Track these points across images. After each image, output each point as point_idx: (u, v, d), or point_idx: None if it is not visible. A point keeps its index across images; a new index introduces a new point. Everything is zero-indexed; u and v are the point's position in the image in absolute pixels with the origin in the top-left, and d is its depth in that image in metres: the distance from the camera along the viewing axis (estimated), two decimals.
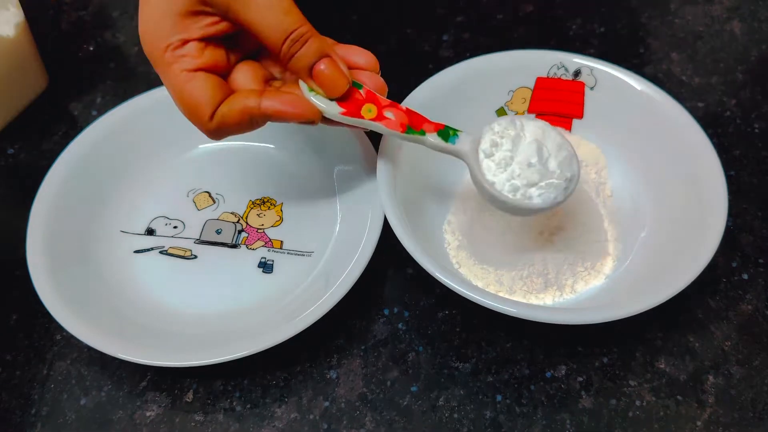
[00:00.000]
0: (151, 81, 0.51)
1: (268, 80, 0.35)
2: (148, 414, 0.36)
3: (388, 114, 0.35)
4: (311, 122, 0.34)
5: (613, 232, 0.41)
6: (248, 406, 0.37)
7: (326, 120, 0.35)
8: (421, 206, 0.41)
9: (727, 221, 0.36)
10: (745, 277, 0.41)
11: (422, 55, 0.52)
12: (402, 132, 0.35)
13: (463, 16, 0.54)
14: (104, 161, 0.43)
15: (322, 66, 0.33)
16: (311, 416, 0.36)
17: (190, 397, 0.37)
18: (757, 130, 0.47)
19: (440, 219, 0.42)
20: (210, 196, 0.44)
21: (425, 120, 0.36)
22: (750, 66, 0.51)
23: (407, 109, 0.35)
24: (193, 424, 0.36)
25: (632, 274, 0.39)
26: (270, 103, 0.33)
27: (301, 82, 0.34)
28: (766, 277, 0.41)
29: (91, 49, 0.53)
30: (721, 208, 0.37)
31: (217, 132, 0.33)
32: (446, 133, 0.35)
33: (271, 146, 0.45)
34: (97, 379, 0.38)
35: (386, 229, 0.37)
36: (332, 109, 0.34)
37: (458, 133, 0.36)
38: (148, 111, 0.44)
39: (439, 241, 0.41)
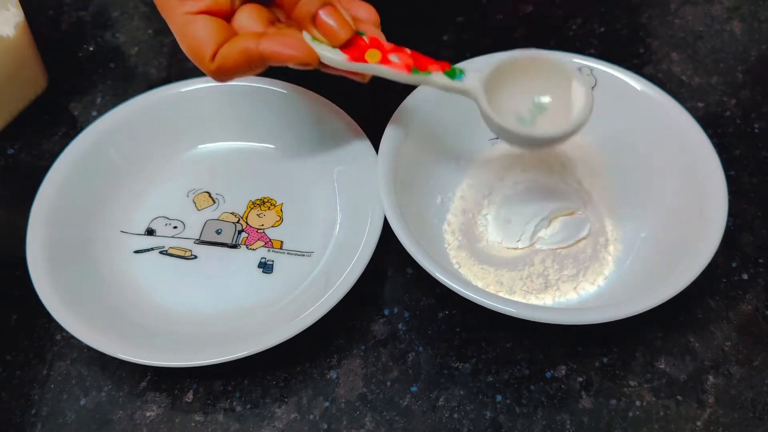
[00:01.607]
0: (151, 81, 0.51)
1: (273, 23, 0.35)
2: (148, 414, 0.36)
3: (393, 57, 0.34)
4: (307, 65, 0.34)
5: (613, 232, 0.41)
6: (248, 406, 0.37)
7: (326, 66, 0.35)
8: (421, 206, 0.41)
9: (727, 221, 0.36)
10: (745, 277, 0.41)
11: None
12: (408, 73, 0.34)
13: (463, 17, 0.54)
14: (104, 161, 0.43)
15: (323, 13, 0.33)
16: (311, 416, 0.36)
17: (190, 397, 0.37)
18: (757, 130, 0.47)
19: (440, 219, 0.42)
20: (210, 196, 0.44)
21: (431, 61, 0.35)
22: (750, 66, 0.51)
23: (413, 51, 0.35)
24: (193, 424, 0.36)
25: (632, 274, 0.39)
26: (268, 44, 0.33)
27: (304, 32, 0.34)
28: (766, 277, 0.41)
29: (91, 49, 0.53)
30: (721, 208, 0.37)
31: (218, 73, 0.34)
32: (452, 72, 0.35)
33: (271, 146, 0.45)
34: (97, 379, 0.38)
35: (386, 229, 0.37)
36: (337, 57, 0.34)
37: (464, 71, 0.35)
38: (148, 111, 0.44)
39: (439, 241, 0.41)
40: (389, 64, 0.34)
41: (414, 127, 0.41)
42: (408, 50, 0.35)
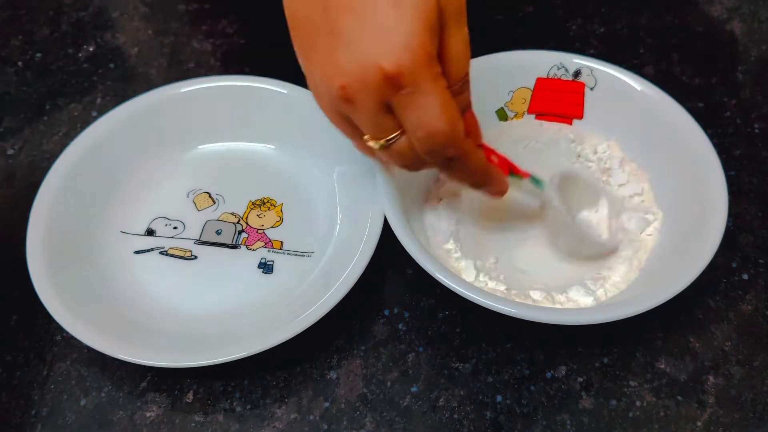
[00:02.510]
0: (151, 81, 0.51)
1: None
2: (148, 415, 0.36)
3: (494, 158, 0.37)
4: (502, 194, 0.37)
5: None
6: (248, 406, 0.37)
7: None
8: (422, 206, 0.41)
9: (727, 221, 0.36)
10: (745, 277, 0.41)
11: None
12: (506, 175, 0.37)
13: None
14: (104, 161, 0.43)
15: (468, 114, 0.34)
16: (311, 417, 0.36)
17: (190, 397, 0.37)
18: (757, 130, 0.47)
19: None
20: (210, 196, 0.44)
21: (518, 169, 0.38)
22: (750, 66, 0.51)
23: (502, 156, 0.37)
24: (193, 424, 0.36)
25: (633, 274, 0.38)
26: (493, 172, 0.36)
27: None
28: (766, 278, 0.41)
29: (91, 49, 0.53)
30: (721, 208, 0.37)
31: (459, 156, 0.33)
32: (535, 180, 0.38)
33: (272, 147, 0.45)
34: (97, 379, 0.38)
35: (386, 230, 0.37)
36: None
37: (542, 182, 0.39)
38: (148, 111, 0.44)
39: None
40: (492, 164, 0.36)
41: None
42: (500, 154, 0.37)
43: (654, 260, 0.38)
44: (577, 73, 0.43)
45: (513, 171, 0.38)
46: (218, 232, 0.42)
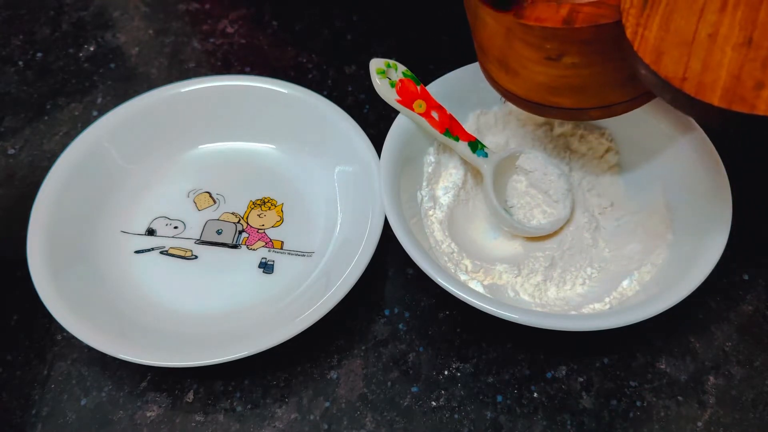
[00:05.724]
0: (152, 81, 0.51)
1: None
2: (148, 414, 0.36)
3: (434, 114, 0.39)
4: None
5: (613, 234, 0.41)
6: (249, 406, 0.37)
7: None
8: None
9: None
10: (746, 277, 0.41)
11: (423, 55, 0.52)
12: (441, 133, 0.39)
13: (463, 17, 0.54)
14: (104, 161, 0.43)
15: None
16: (312, 417, 0.36)
17: (190, 397, 0.37)
18: None
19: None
20: (211, 196, 0.44)
21: (462, 129, 0.40)
22: None
23: (450, 115, 0.40)
24: (193, 424, 0.36)
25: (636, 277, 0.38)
26: None
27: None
28: (766, 278, 0.41)
29: (92, 49, 0.53)
30: (725, 214, 0.36)
31: None
32: (475, 145, 0.40)
33: (272, 146, 0.45)
34: (98, 379, 0.38)
35: (386, 229, 0.37)
36: (390, 96, 0.39)
37: (485, 149, 0.40)
38: (148, 111, 0.44)
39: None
40: (429, 119, 0.39)
41: (416, 127, 0.41)
42: (448, 113, 0.40)
43: (658, 263, 0.38)
44: None
45: (450, 131, 0.39)
46: (219, 232, 0.42)
